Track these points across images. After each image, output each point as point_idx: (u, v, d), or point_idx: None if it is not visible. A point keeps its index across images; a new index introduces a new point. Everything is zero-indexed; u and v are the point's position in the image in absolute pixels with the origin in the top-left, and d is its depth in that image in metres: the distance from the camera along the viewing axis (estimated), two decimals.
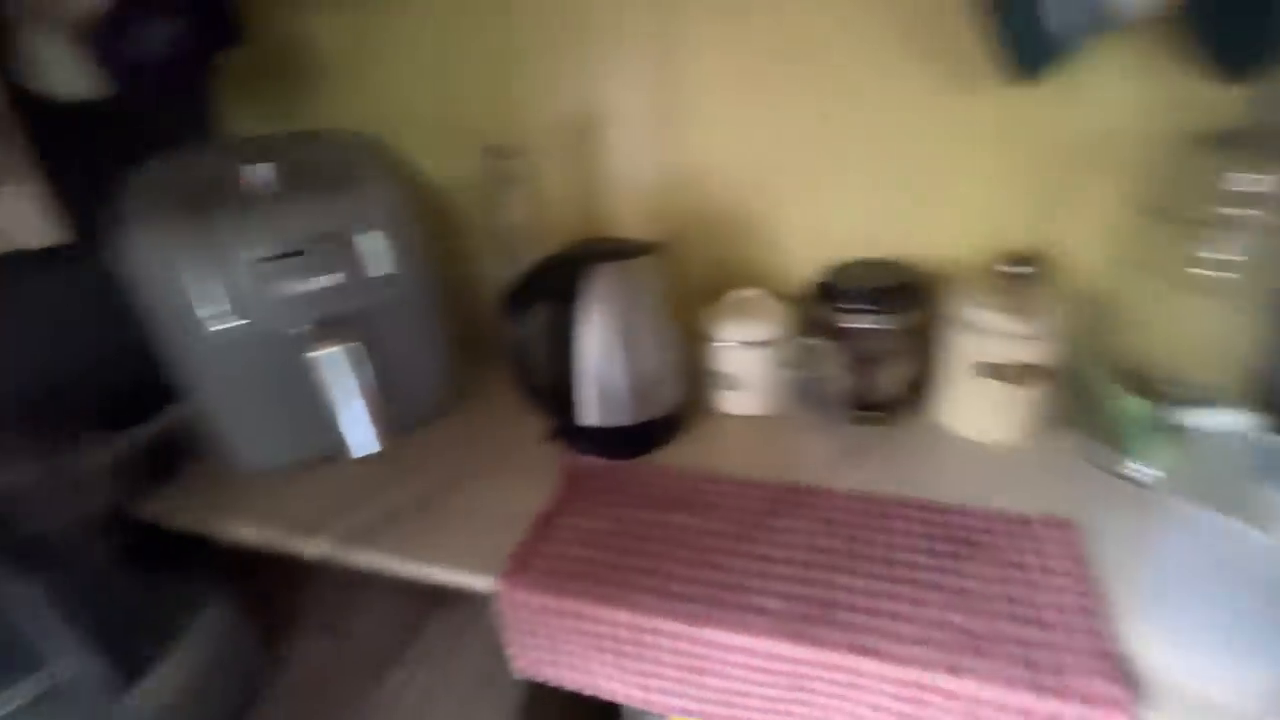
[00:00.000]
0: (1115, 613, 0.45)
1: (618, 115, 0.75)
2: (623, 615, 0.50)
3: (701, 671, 0.50)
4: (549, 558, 0.55)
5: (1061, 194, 0.64)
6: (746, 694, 0.49)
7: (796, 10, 0.64)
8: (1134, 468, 0.56)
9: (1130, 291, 0.62)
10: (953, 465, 0.62)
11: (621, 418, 0.65)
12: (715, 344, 0.70)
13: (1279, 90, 0.50)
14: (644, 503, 0.60)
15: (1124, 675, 0.40)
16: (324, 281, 0.62)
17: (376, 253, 0.64)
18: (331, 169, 0.66)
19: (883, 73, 0.65)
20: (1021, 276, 0.62)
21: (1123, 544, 0.50)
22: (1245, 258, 0.51)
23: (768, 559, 0.53)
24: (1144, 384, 0.57)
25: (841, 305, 0.66)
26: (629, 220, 0.80)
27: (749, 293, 0.72)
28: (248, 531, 0.62)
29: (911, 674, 0.43)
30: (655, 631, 0.49)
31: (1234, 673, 0.40)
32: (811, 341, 0.68)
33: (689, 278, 0.77)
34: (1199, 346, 0.57)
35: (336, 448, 0.62)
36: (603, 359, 0.63)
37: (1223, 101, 0.53)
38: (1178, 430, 0.50)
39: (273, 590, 0.79)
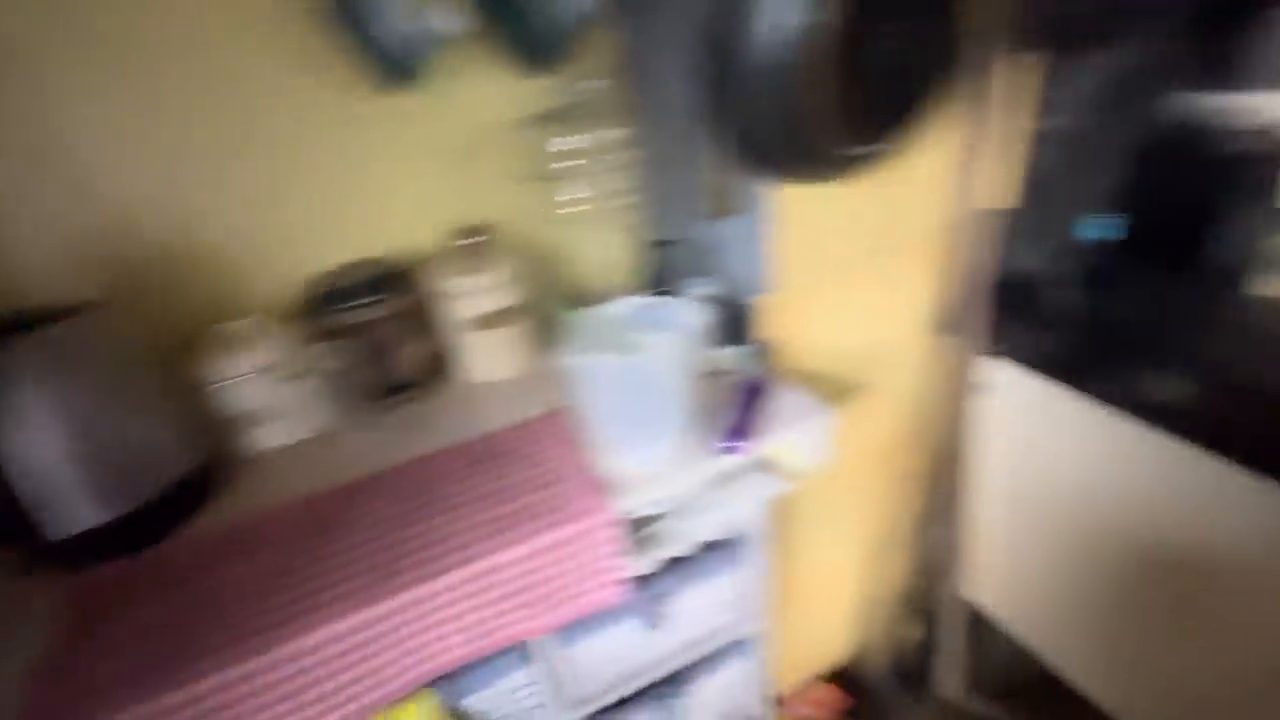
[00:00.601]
0: (591, 451, 0.63)
1: None
2: (199, 686, 0.46)
3: (308, 686, 0.50)
4: (75, 692, 0.46)
5: (479, 175, 0.80)
6: (360, 677, 0.52)
7: (186, 46, 0.63)
8: (583, 355, 0.77)
9: (545, 237, 0.83)
10: (479, 407, 0.74)
11: (118, 506, 0.56)
12: (220, 385, 0.66)
13: (568, 80, 0.74)
14: (190, 574, 0.55)
15: (600, 487, 0.58)
16: None
17: None
18: None
19: (295, 97, 0.68)
20: (476, 244, 0.77)
21: (586, 406, 0.69)
22: (592, 194, 0.74)
23: (338, 554, 0.55)
24: (576, 297, 0.78)
25: (339, 306, 0.70)
26: (42, 289, 0.66)
27: (240, 323, 0.70)
28: None
29: (474, 569, 0.52)
30: (245, 679, 0.47)
31: (646, 450, 0.61)
32: (320, 347, 0.71)
33: (169, 328, 0.69)
34: (599, 260, 0.80)
35: None
36: (62, 449, 0.53)
37: (544, 89, 0.75)
38: (600, 319, 0.71)
39: None
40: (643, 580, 0.78)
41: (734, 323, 0.75)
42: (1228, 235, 0.94)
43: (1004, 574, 1.12)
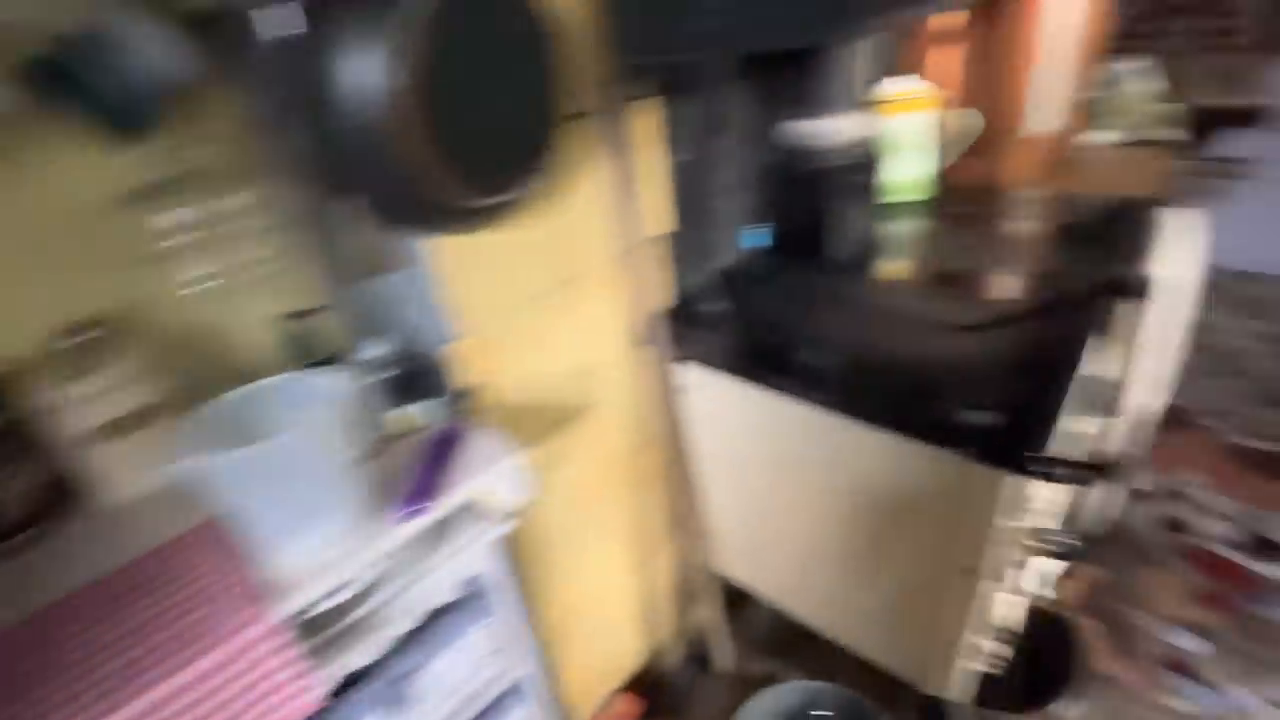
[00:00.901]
0: (248, 557, 0.56)
1: None
2: None
3: None
4: None
5: (76, 263, 0.66)
6: None
7: None
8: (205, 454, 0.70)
9: (175, 321, 0.71)
10: (115, 534, 0.62)
11: None
12: None
13: (172, 148, 0.66)
14: None
15: (257, 596, 0.52)
16: None
17: None
18: None
19: None
20: (87, 342, 0.65)
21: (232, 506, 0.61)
22: (220, 268, 0.67)
23: None
24: (223, 382, 0.69)
25: None
26: None
27: None
28: None
29: None
30: None
31: (310, 539, 0.57)
32: None
33: None
34: (243, 339, 0.72)
35: None
36: None
37: (142, 161, 0.66)
38: (239, 405, 0.63)
39: None
40: (376, 667, 0.72)
41: (420, 377, 0.73)
42: (846, 232, 1.18)
43: (741, 546, 1.26)
